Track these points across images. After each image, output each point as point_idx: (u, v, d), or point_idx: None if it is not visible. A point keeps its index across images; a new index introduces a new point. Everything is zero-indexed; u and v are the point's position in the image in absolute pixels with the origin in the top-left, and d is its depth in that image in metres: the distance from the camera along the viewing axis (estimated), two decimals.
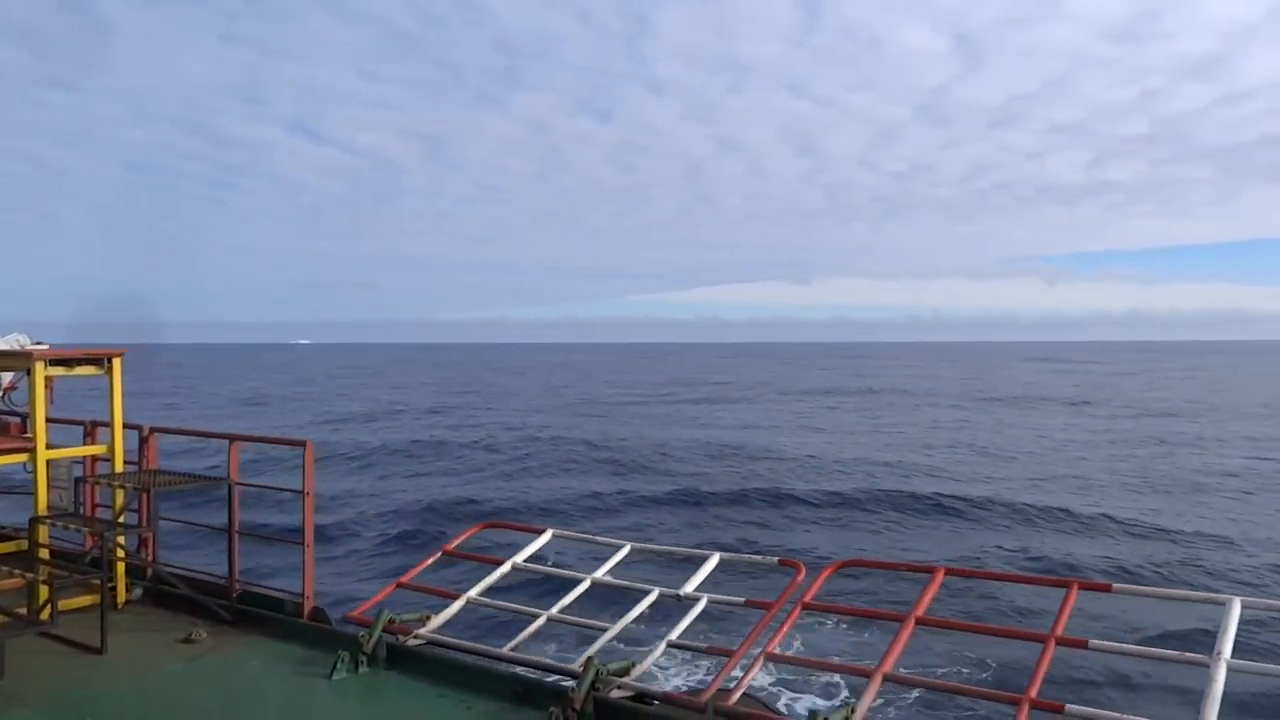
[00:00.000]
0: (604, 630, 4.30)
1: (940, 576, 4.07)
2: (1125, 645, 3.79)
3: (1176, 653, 3.54)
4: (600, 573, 4.87)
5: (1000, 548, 16.41)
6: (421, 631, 4.50)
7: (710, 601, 4.39)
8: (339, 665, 4.27)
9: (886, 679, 3.50)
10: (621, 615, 4.42)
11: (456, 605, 4.76)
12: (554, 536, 5.38)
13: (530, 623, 4.48)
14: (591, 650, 3.97)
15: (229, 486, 5.29)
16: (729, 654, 3.84)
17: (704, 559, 4.79)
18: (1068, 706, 3.18)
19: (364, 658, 4.33)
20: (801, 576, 4.28)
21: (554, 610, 4.53)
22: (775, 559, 4.78)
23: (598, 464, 26.95)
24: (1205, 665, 3.19)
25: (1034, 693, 3.22)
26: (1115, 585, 3.98)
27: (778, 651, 3.89)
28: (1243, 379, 76.03)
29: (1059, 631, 3.53)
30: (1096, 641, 3.59)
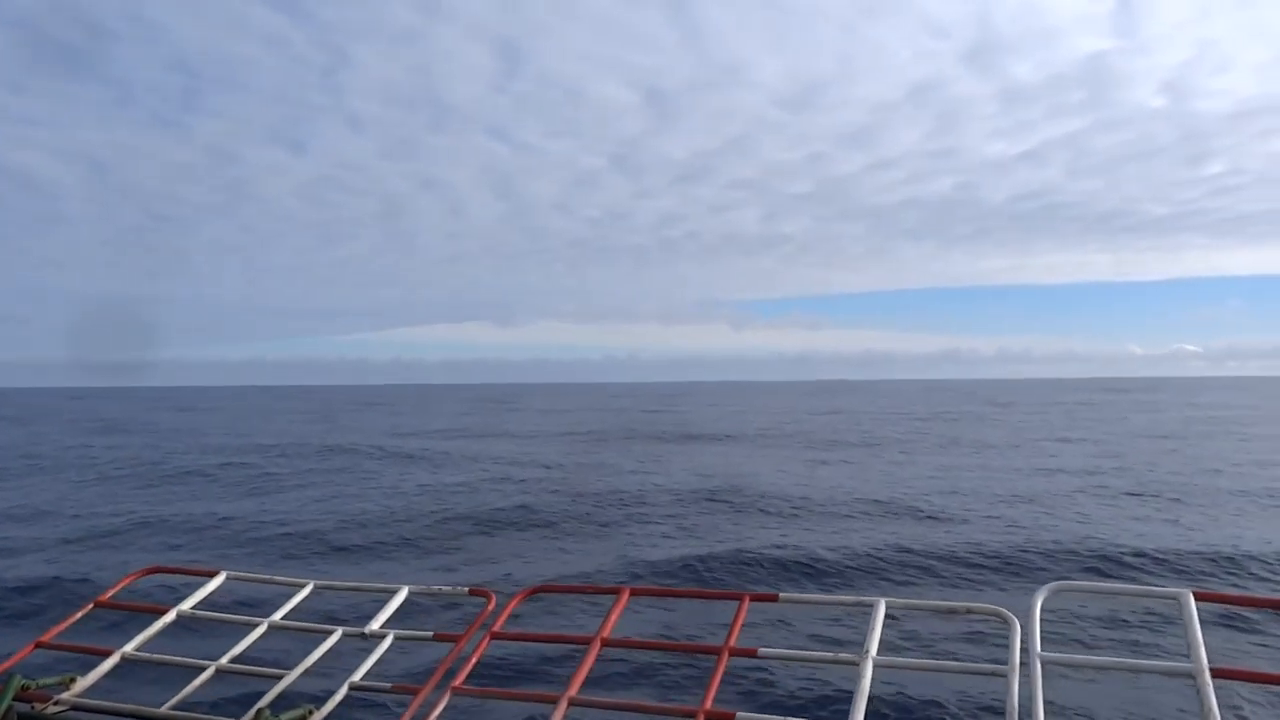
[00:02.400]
0: (280, 677, 4.02)
1: (625, 597, 4.17)
2: (789, 651, 4.07)
3: (832, 654, 3.85)
4: (278, 615, 4.53)
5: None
6: (64, 696, 3.96)
7: (397, 637, 4.23)
8: None
9: (572, 703, 3.54)
10: (301, 659, 4.15)
11: (109, 662, 4.24)
12: (228, 578, 4.96)
13: (196, 675, 4.08)
14: (264, 700, 3.69)
15: None
16: (414, 691, 3.72)
17: (392, 593, 4.60)
18: (738, 714, 3.36)
19: None
20: (492, 605, 4.22)
21: (224, 660, 4.16)
22: (466, 589, 4.67)
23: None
24: (855, 663, 3.50)
25: (708, 704, 3.38)
26: (781, 595, 4.26)
27: (465, 685, 3.82)
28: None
29: (732, 642, 3.73)
30: (765, 650, 3.81)
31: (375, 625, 4.30)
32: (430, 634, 4.23)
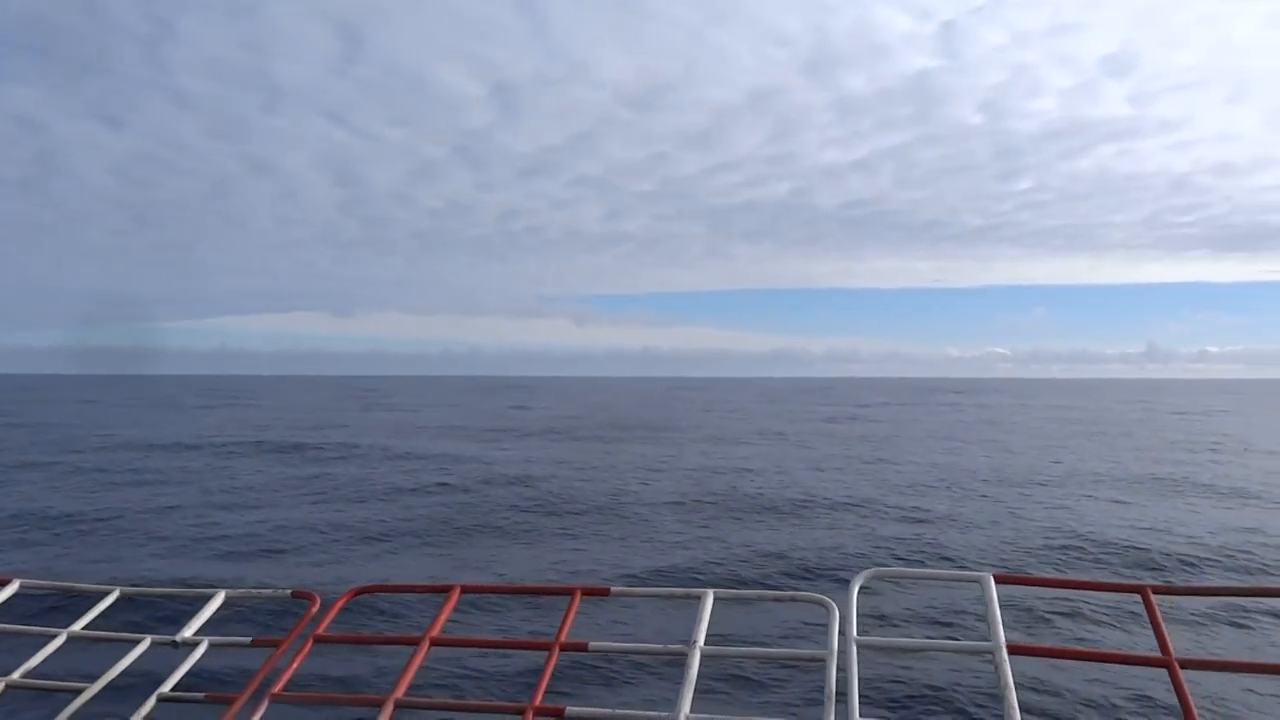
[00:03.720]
0: (79, 691, 3.76)
1: (456, 595, 4.12)
2: (620, 644, 4.10)
3: (661, 646, 3.91)
4: (79, 625, 4.23)
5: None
6: None
7: (212, 644, 4.02)
8: None
9: (399, 705, 3.47)
10: (104, 672, 3.89)
11: None
12: (23, 586, 4.59)
13: None
14: (60, 717, 3.45)
15: None
16: (230, 700, 3.56)
17: (207, 597, 4.38)
18: (567, 709, 3.38)
19: None
20: (315, 608, 4.08)
21: (15, 675, 3.86)
22: (288, 591, 4.49)
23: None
24: (684, 654, 3.57)
25: (538, 700, 3.38)
26: (613, 589, 4.29)
27: (285, 692, 3.68)
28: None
29: (563, 637, 3.73)
30: (596, 643, 3.82)
31: (188, 633, 4.07)
32: (248, 640, 4.04)
